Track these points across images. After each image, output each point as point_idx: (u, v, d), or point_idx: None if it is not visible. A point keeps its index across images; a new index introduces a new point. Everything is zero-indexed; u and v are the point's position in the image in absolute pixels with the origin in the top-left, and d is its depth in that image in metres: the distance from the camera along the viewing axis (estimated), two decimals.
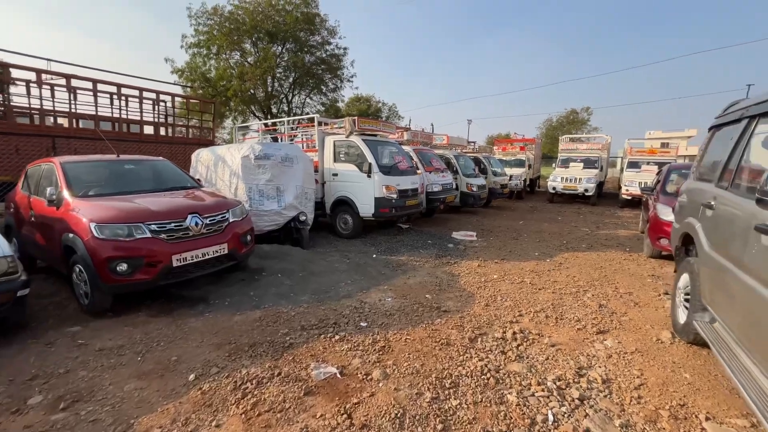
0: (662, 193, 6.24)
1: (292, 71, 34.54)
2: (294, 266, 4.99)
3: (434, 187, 8.63)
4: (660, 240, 5.57)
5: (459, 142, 11.63)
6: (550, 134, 45.44)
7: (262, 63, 29.12)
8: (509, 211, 12.22)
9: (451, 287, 4.55)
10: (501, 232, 8.24)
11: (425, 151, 9.35)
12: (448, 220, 9.82)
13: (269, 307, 3.77)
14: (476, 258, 5.92)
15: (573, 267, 5.47)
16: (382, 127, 7.33)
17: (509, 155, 17.02)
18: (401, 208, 6.89)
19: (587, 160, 14.88)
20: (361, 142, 6.79)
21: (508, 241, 7.27)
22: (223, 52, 30.87)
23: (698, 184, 3.22)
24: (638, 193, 12.59)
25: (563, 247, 6.80)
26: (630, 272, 5.22)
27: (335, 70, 36.69)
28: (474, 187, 10.58)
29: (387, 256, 5.96)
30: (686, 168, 6.81)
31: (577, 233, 8.30)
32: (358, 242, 6.82)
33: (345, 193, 6.99)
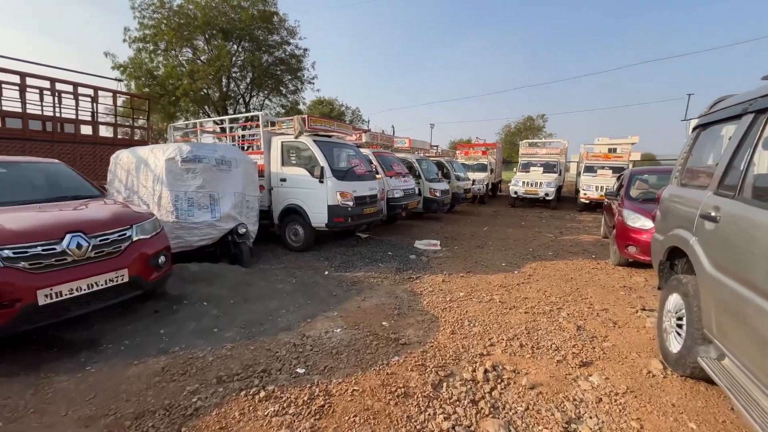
0: (627, 198, 6.05)
1: (249, 71, 33.04)
2: (226, 291, 4.15)
3: (395, 192, 8.06)
4: (628, 248, 5.32)
5: (421, 146, 11.22)
6: (509, 140, 46.97)
7: (215, 61, 27.48)
8: (473, 216, 11.94)
9: (412, 310, 3.93)
10: (466, 240, 7.80)
11: (386, 154, 8.77)
12: (411, 227, 9.28)
13: (181, 350, 2.94)
14: (440, 271, 5.37)
15: (543, 279, 5.06)
16: (337, 127, 6.65)
17: (472, 159, 16.94)
18: (358, 217, 6.21)
19: (547, 164, 15.06)
20: (312, 144, 6.05)
21: (474, 250, 6.82)
22: (172, 49, 28.88)
23: (686, 192, 2.83)
24: (596, 197, 12.83)
25: (530, 256, 6.44)
26: (601, 284, 4.89)
27: (295, 71, 35.51)
28: (437, 192, 10.15)
29: (341, 272, 5.25)
30: (648, 172, 6.74)
31: (541, 239, 8.05)
32: (309, 256, 6.05)
33: (295, 200, 6.20)
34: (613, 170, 13.69)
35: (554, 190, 13.62)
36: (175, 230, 4.89)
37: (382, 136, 8.81)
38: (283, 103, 34.06)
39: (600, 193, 12.75)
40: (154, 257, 3.40)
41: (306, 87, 38.13)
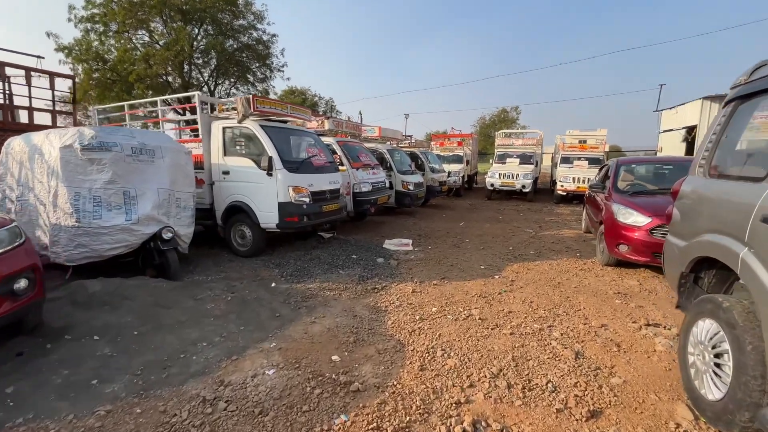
0: (615, 190, 5.48)
1: (213, 57, 31.05)
2: (132, 317, 3.21)
3: (363, 186, 7.22)
4: (619, 247, 4.75)
5: (393, 136, 10.41)
6: (484, 132, 47.01)
7: (173, 45, 25.47)
8: (448, 210, 11.29)
9: (373, 334, 3.14)
10: (441, 238, 7.09)
11: (352, 144, 7.89)
12: (382, 224, 8.49)
13: (23, 424, 2.01)
14: (411, 278, 4.61)
15: (527, 285, 4.40)
16: (292, 111, 5.70)
17: (447, 151, 16.30)
18: (316, 215, 5.34)
19: (523, 155, 14.62)
20: (259, 129, 5.10)
21: (449, 250, 6.10)
22: (125, 31, 26.64)
23: (724, 185, 2.16)
24: (573, 189, 12.48)
25: (511, 256, 5.79)
26: (592, 290, 4.27)
27: (263, 58, 33.76)
28: (410, 186, 9.39)
29: (293, 283, 4.39)
30: (636, 162, 6.22)
31: (521, 236, 7.46)
32: (258, 263, 5.14)
33: (240, 197, 5.24)
34: (589, 161, 13.41)
35: (531, 182, 13.19)
36: (77, 237, 3.88)
37: (348, 123, 7.92)
38: (252, 92, 32.27)
39: (577, 184, 12.41)
40: (6, 281, 2.42)
41: (275, 75, 36.36)
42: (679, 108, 14.13)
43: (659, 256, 4.48)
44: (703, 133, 12.15)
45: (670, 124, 14.84)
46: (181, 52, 25.93)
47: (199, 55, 29.16)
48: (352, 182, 7.07)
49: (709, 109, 12.00)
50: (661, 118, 16.16)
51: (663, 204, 4.79)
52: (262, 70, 34.24)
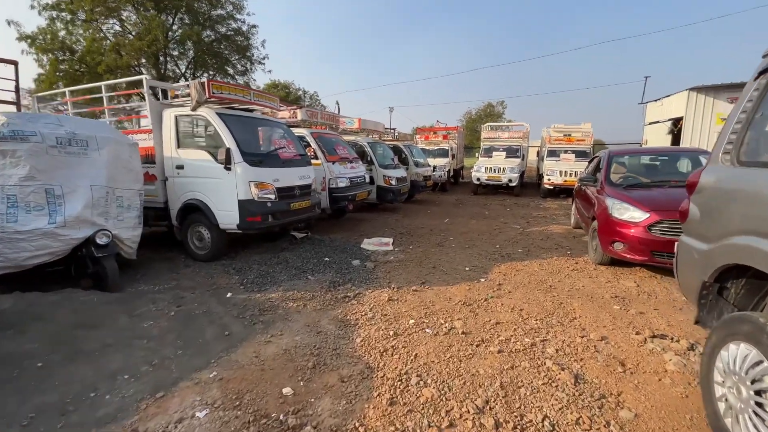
0: (608, 183, 5.10)
1: (190, 49, 29.85)
2: (41, 342, 2.63)
3: (339, 181, 6.69)
4: (614, 245, 4.36)
5: (375, 128, 9.88)
6: (470, 126, 46.90)
7: (146, 35, 24.26)
8: (433, 206, 10.85)
9: (337, 356, 2.65)
10: (424, 236, 6.63)
11: (328, 136, 7.33)
12: (362, 221, 7.98)
13: None
14: (388, 283, 4.13)
15: (516, 289, 3.97)
16: (257, 98, 5.11)
17: (432, 144, 15.84)
18: (283, 214, 4.79)
19: (509, 149, 14.28)
20: (215, 118, 4.51)
21: (432, 250, 5.65)
22: (93, 19, 25.31)
23: (763, 175, 1.72)
24: (561, 183, 12.20)
25: (497, 255, 5.37)
26: (587, 293, 3.87)
27: (243, 49, 32.70)
28: (393, 180, 8.89)
29: (252, 292, 3.85)
30: (629, 153, 5.86)
31: (508, 232, 7.07)
32: (218, 268, 4.57)
33: (196, 194, 4.65)
34: (576, 154, 13.15)
35: (518, 176, 12.86)
36: None
37: (324, 114, 7.36)
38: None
39: (564, 178, 12.13)
40: None
41: (256, 68, 35.33)
42: (664, 100, 13.98)
43: (659, 255, 4.12)
44: (689, 124, 12.01)
45: (656, 116, 14.70)
46: (154, 42, 24.76)
47: (175, 45, 28.00)
48: (327, 177, 6.53)
49: (695, 100, 11.83)
50: (646, 111, 16.04)
51: (661, 198, 4.43)
52: (242, 63, 33.21)
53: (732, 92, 11.37)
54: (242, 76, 33.87)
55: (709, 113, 11.71)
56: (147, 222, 5.08)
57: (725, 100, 11.48)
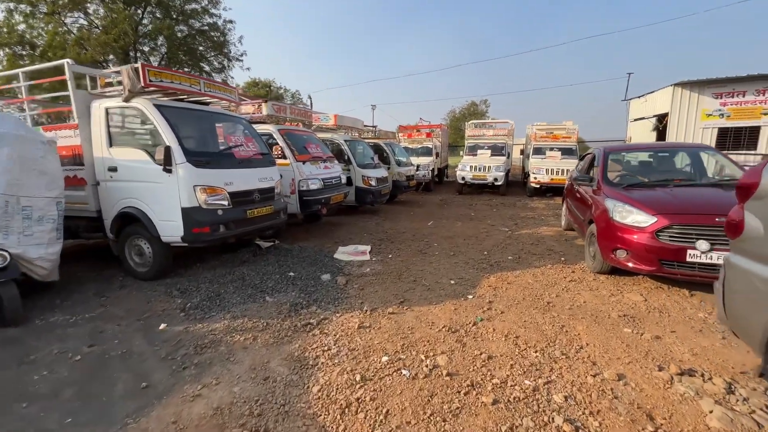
0: (606, 183, 4.61)
1: (163, 44, 28.55)
2: None
3: (311, 183, 6.02)
4: (616, 252, 3.85)
5: (353, 124, 9.24)
6: (454, 125, 46.79)
7: (112, 28, 22.94)
8: (417, 207, 10.28)
9: (283, 419, 2.01)
10: (405, 242, 6.04)
11: (298, 132, 6.64)
12: (339, 226, 7.33)
13: None
14: (360, 304, 3.51)
15: (509, 309, 3.40)
16: (209, 88, 4.38)
17: (416, 143, 15.29)
18: (239, 223, 4.10)
19: (494, 146, 13.86)
20: (152, 110, 3.78)
21: (414, 259, 5.05)
22: (55, 12, 23.88)
23: None
24: (547, 181, 11.83)
25: (486, 264, 4.82)
26: (590, 311, 3.34)
27: (219, 46, 31.55)
28: (372, 181, 8.27)
29: (192, 321, 3.16)
30: (626, 150, 5.39)
31: (496, 236, 6.55)
32: (159, 288, 3.85)
33: (132, 201, 3.92)
34: (562, 152, 12.82)
35: (503, 175, 12.44)
36: None
37: (294, 108, 6.67)
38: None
39: (551, 176, 11.76)
40: None
41: (234, 65, 34.22)
42: (648, 96, 13.81)
43: (668, 265, 3.63)
44: (675, 120, 11.81)
45: (640, 112, 14.53)
46: (122, 36, 23.44)
47: (146, 40, 26.66)
48: (296, 179, 5.86)
49: (680, 95, 11.63)
50: (630, 108, 15.89)
51: (668, 199, 3.94)
52: (218, 59, 32.03)
53: (717, 87, 11.20)
54: (219, 73, 32.71)
55: (694, 109, 11.53)
56: (79, 234, 4.33)
57: (710, 95, 11.31)
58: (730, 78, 10.78)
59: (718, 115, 11.24)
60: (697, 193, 3.99)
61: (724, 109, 11.14)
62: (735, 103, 10.98)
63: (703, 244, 3.34)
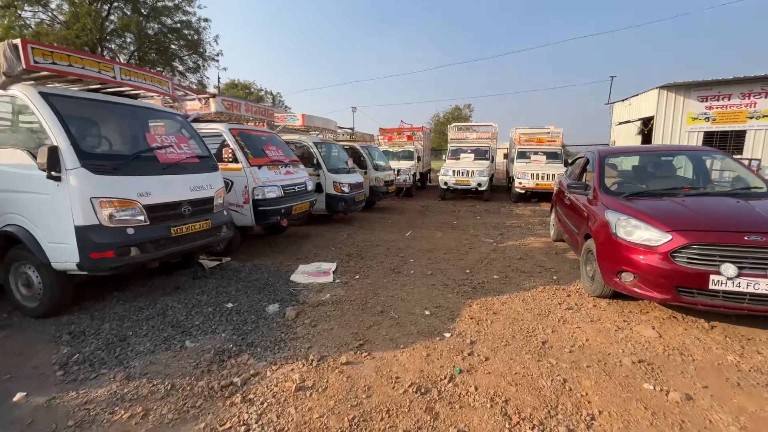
0: (604, 191, 3.98)
1: (132, 42, 27.21)
2: None
3: (268, 191, 5.21)
4: (621, 275, 3.20)
5: (325, 125, 8.47)
6: (438, 129, 46.67)
7: (73, 23, 21.56)
8: (396, 214, 9.57)
9: None
10: (377, 258, 5.29)
11: (255, 133, 5.83)
12: (305, 238, 6.53)
13: None
14: (308, 349, 2.73)
15: (495, 353, 2.69)
16: (127, 76, 3.52)
17: (396, 146, 14.62)
18: (161, 244, 3.26)
19: (478, 150, 13.32)
20: (37, 99, 2.92)
21: (385, 280, 4.31)
22: (11, 5, 22.40)
23: None
24: (532, 186, 11.32)
25: (468, 286, 4.11)
26: (597, 355, 2.65)
27: (194, 45, 30.37)
28: (345, 187, 7.51)
29: (69, 384, 2.31)
30: (623, 153, 4.79)
31: (480, 248, 5.88)
32: (49, 329, 2.97)
33: (12, 217, 3.04)
34: (547, 156, 12.37)
35: (487, 180, 11.87)
36: None
37: (250, 106, 5.85)
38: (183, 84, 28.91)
39: (536, 181, 11.25)
40: None
41: (209, 64, 33.04)
42: (632, 99, 13.54)
43: (686, 293, 2.98)
44: (660, 124, 11.50)
45: (624, 116, 14.27)
46: (85, 31, 22.07)
47: (113, 37, 25.27)
48: (250, 186, 5.04)
49: (665, 99, 11.33)
50: (613, 111, 15.66)
51: (683, 212, 3.31)
52: (193, 59, 30.79)
53: (703, 91, 10.93)
54: (194, 74, 31.45)
55: (680, 112, 11.25)
56: None
57: (696, 99, 11.04)
58: (716, 80, 10.52)
59: (703, 118, 10.98)
60: (717, 204, 3.39)
61: (710, 113, 10.88)
62: (720, 106, 10.73)
63: (729, 268, 2.72)
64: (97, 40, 24.34)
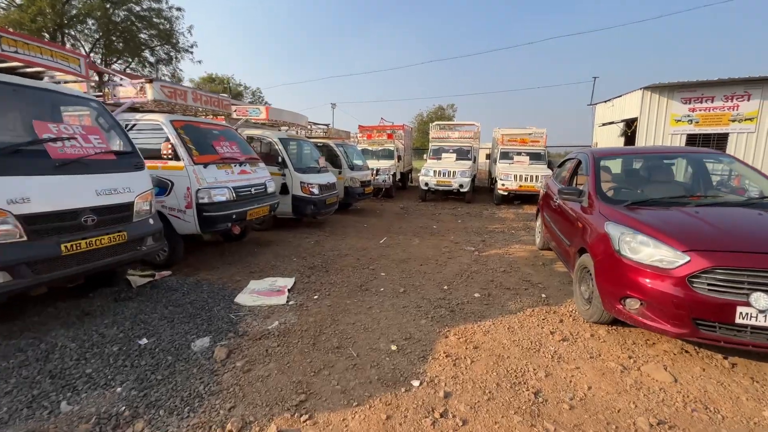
0: (601, 198, 3.44)
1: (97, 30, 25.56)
2: None
3: (215, 193, 4.46)
4: (625, 302, 2.66)
5: (294, 120, 7.71)
6: (422, 128, 46.29)
7: (28, 6, 19.95)
8: (373, 217, 8.93)
9: None
10: (344, 271, 4.63)
11: (204, 126, 5.05)
12: (267, 245, 5.80)
13: None
14: (228, 412, 2.04)
15: (476, 416, 2.07)
16: (10, 47, 2.73)
17: (376, 144, 13.95)
18: (46, 266, 2.49)
19: (460, 150, 12.82)
20: None
21: (347, 302, 3.65)
22: None
23: None
24: (515, 189, 10.89)
25: (445, 309, 3.50)
26: (603, 413, 2.07)
27: (166, 35, 28.88)
28: (314, 188, 6.81)
29: None
30: (621, 155, 4.27)
31: (460, 258, 5.30)
32: None
33: None
34: (531, 157, 11.99)
35: (469, 180, 11.38)
36: None
37: (198, 94, 5.06)
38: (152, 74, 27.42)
39: (520, 183, 10.82)
40: None
41: (183, 56, 31.63)
42: (616, 101, 13.32)
43: (707, 327, 2.44)
44: (644, 125, 11.26)
45: (607, 117, 14.05)
46: (41, 15, 20.44)
47: (74, 22, 23.57)
48: (193, 188, 4.28)
49: (649, 100, 11.08)
50: (596, 112, 15.46)
51: (699, 226, 2.75)
52: (165, 49, 29.28)
53: (686, 92, 10.72)
54: (166, 65, 29.91)
55: (663, 114, 11.02)
56: None
57: (679, 100, 10.83)
58: (699, 82, 10.33)
59: (686, 121, 10.79)
60: (739, 218, 2.87)
61: (693, 115, 10.70)
62: (703, 108, 10.56)
63: (761, 298, 2.19)
64: (57, 26, 22.65)
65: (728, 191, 3.93)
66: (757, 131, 10.09)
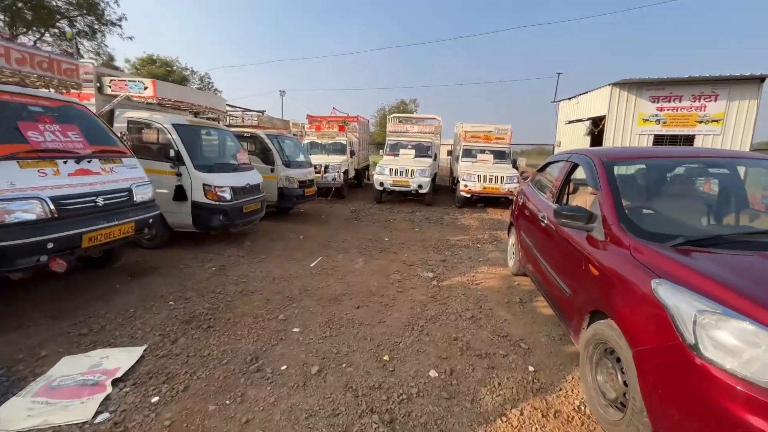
0: (628, 229, 2.13)
1: None
2: None
3: (17, 208, 2.67)
4: None
5: (205, 102, 5.86)
6: (383, 123, 44.95)
7: None
8: (314, 224, 7.34)
9: None
10: (237, 327, 3.04)
11: (18, 99, 3.20)
12: (142, 275, 4.03)
13: None
14: None
15: None
16: None
17: (326, 137, 12.27)
18: None
19: (419, 146, 11.52)
20: None
21: (208, 409, 2.09)
22: None
23: None
24: (479, 190, 9.74)
25: (379, 413, 2.05)
26: None
27: (89, 5, 25.08)
28: (224, 192, 5.10)
29: None
30: (641, 158, 3.01)
31: (413, 293, 3.90)
32: None
33: None
34: (495, 155, 10.95)
35: (429, 181, 10.08)
36: None
37: (10, 49, 3.18)
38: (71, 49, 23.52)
39: (484, 184, 9.69)
40: None
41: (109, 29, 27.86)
42: (581, 97, 12.62)
43: None
44: (612, 124, 10.56)
45: (572, 115, 13.37)
46: None
47: None
48: None
49: (618, 97, 10.37)
50: (559, 110, 14.82)
51: None
52: (87, 20, 25.43)
53: (655, 90, 10.10)
54: (89, 40, 25.99)
55: (631, 112, 10.36)
56: None
57: (648, 99, 10.20)
58: (668, 79, 9.73)
59: (654, 120, 10.21)
60: None
61: (661, 115, 10.13)
62: (671, 108, 10.01)
63: None
64: None
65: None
66: (722, 133, 9.67)
